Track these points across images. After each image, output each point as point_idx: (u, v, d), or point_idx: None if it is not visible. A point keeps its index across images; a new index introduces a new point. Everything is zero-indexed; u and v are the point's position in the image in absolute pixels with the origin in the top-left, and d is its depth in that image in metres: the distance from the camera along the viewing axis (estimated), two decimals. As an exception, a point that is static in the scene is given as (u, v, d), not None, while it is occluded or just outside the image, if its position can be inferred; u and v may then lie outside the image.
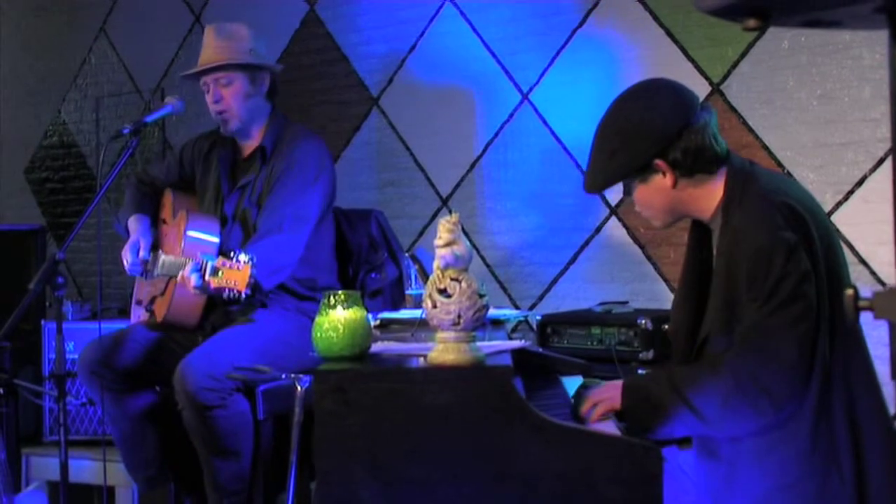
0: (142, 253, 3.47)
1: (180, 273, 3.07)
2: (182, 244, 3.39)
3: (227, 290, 2.94)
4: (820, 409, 2.13)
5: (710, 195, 2.29)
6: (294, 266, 3.39)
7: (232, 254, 2.95)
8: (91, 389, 3.44)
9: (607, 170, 2.32)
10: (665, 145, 2.25)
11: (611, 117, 2.34)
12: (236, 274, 2.92)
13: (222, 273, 2.93)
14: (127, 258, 3.47)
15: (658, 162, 2.26)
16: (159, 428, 3.49)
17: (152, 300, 3.57)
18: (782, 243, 2.13)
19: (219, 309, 3.47)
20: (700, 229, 2.41)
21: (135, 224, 3.59)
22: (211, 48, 3.54)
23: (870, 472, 2.13)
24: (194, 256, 3.12)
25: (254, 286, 3.09)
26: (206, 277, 2.94)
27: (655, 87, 2.37)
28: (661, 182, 2.29)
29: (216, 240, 3.46)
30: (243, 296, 2.97)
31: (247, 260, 2.92)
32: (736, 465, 2.19)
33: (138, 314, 3.68)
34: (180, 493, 3.59)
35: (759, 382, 2.10)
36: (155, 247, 3.56)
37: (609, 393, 2.32)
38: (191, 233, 3.42)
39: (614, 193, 4.07)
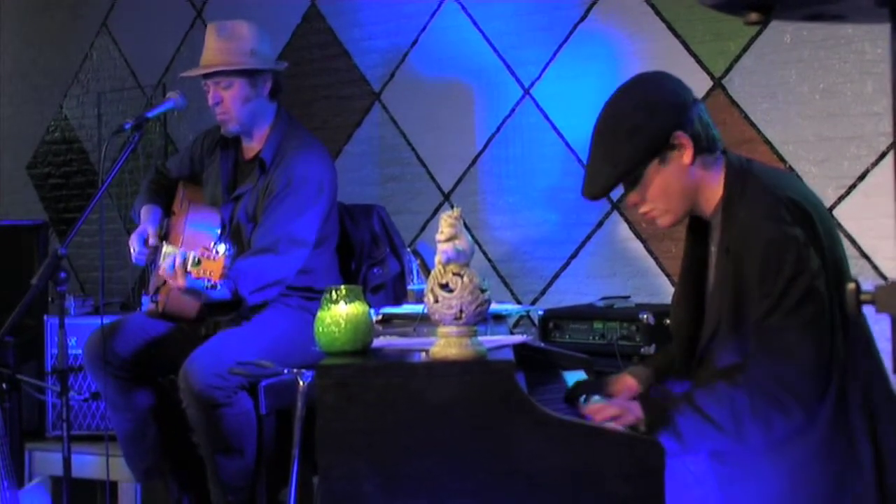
0: (150, 240, 3.48)
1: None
2: (183, 236, 3.41)
3: (205, 280, 2.96)
4: (838, 404, 2.12)
5: (710, 185, 2.29)
6: (283, 288, 3.38)
7: (212, 244, 2.96)
8: (96, 377, 3.44)
9: (628, 154, 2.26)
10: (683, 117, 2.24)
11: (616, 105, 2.31)
12: (212, 264, 2.94)
13: (202, 263, 2.95)
14: (134, 247, 3.48)
15: (678, 133, 2.23)
16: (159, 420, 3.49)
17: (157, 290, 3.58)
18: (792, 240, 2.12)
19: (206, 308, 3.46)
20: (698, 224, 2.41)
21: (146, 213, 3.61)
22: (211, 50, 3.50)
23: (887, 459, 2.13)
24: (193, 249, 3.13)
25: (235, 294, 3.11)
26: (189, 267, 2.95)
27: (650, 74, 2.40)
28: (680, 161, 2.25)
29: (217, 232, 3.46)
30: (219, 286, 2.99)
31: (223, 251, 2.93)
32: (749, 467, 2.17)
33: (146, 305, 3.70)
34: (181, 490, 3.59)
35: (785, 385, 2.08)
36: (165, 237, 3.57)
37: (633, 409, 2.23)
38: (191, 225, 3.43)
39: (616, 189, 4.06)
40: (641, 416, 2.20)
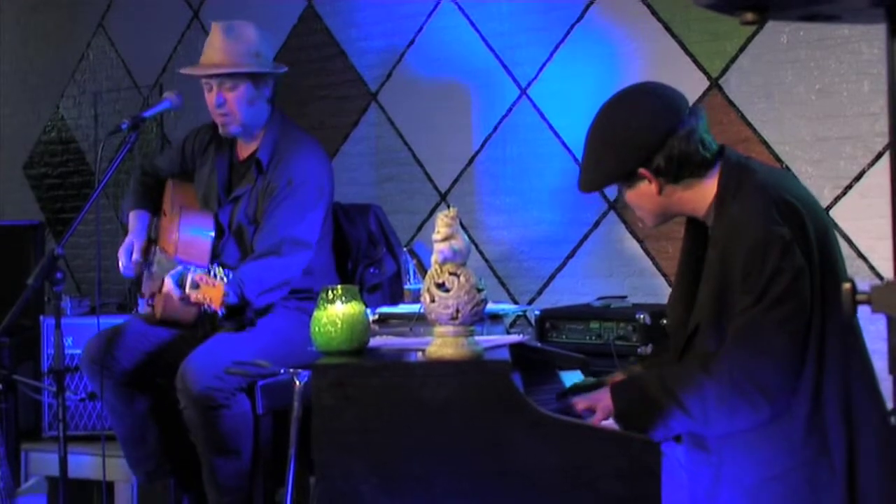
0: (135, 255, 3.47)
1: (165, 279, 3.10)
2: (176, 242, 3.39)
3: (204, 306, 2.95)
4: (813, 403, 2.13)
5: (700, 196, 2.30)
6: (288, 290, 3.37)
7: (211, 268, 2.95)
8: (94, 383, 3.44)
9: (595, 175, 2.35)
10: (647, 155, 2.25)
11: (597, 125, 2.35)
12: (211, 291, 2.93)
13: (201, 288, 2.93)
14: (122, 261, 3.48)
15: (641, 171, 2.27)
16: (159, 422, 3.49)
17: (152, 295, 3.58)
18: (777, 239, 2.13)
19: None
20: (696, 225, 2.41)
21: (133, 221, 3.59)
22: (218, 50, 3.46)
23: (861, 464, 2.13)
24: (186, 258, 3.12)
25: (242, 298, 3.10)
26: (187, 290, 2.94)
27: (640, 93, 2.36)
28: (647, 188, 2.30)
29: (211, 235, 3.45)
30: (220, 314, 2.98)
31: (222, 276, 2.92)
32: (725, 457, 2.19)
33: (143, 307, 3.70)
34: (180, 490, 3.59)
35: (754, 379, 2.11)
36: (155, 240, 3.56)
37: (601, 396, 2.31)
38: (184, 232, 3.41)
39: (613, 189, 4.06)
40: (611, 407, 2.26)
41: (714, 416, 2.15)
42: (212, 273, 2.93)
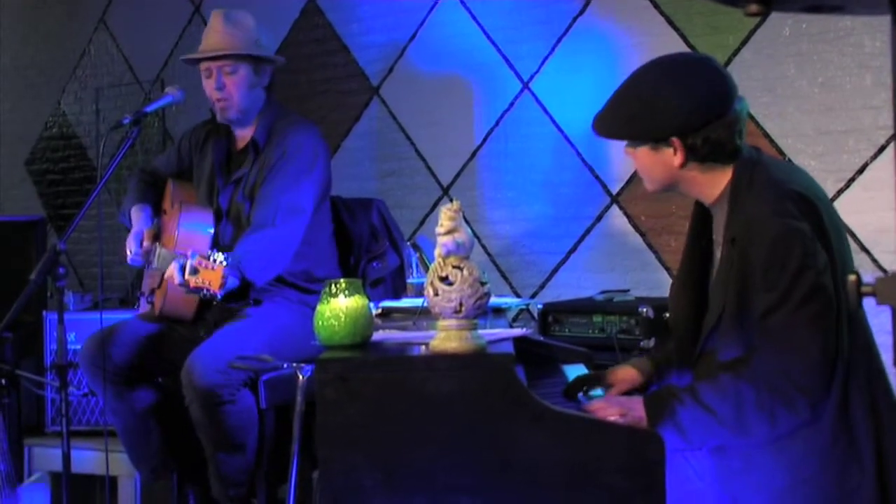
0: (145, 243, 3.47)
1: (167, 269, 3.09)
2: (176, 237, 3.40)
3: (203, 290, 2.94)
4: (841, 400, 2.11)
5: (714, 182, 2.27)
6: (289, 260, 3.37)
7: (210, 254, 2.95)
8: (93, 382, 3.44)
9: (623, 127, 2.29)
10: (687, 129, 2.21)
11: (646, 79, 2.29)
12: (211, 274, 2.92)
13: (200, 273, 2.93)
14: (131, 248, 3.47)
15: (674, 139, 2.22)
16: (162, 420, 3.49)
17: (152, 292, 3.58)
18: (798, 235, 2.10)
19: (218, 303, 3.46)
20: (702, 215, 2.40)
21: (137, 214, 3.59)
22: (218, 34, 3.50)
23: (889, 459, 2.12)
24: (186, 251, 3.12)
25: (243, 280, 3.10)
26: (186, 276, 2.94)
27: (698, 67, 2.30)
28: (670, 157, 2.25)
29: (210, 231, 3.45)
30: (218, 297, 2.98)
31: (221, 260, 2.92)
32: (753, 462, 2.16)
33: (143, 306, 3.70)
34: (184, 483, 3.59)
35: (792, 380, 2.07)
36: (157, 237, 3.56)
37: (633, 406, 2.23)
38: (184, 226, 3.42)
39: (615, 183, 4.07)
40: (643, 416, 2.18)
41: (754, 424, 2.10)
42: (211, 258, 2.93)
